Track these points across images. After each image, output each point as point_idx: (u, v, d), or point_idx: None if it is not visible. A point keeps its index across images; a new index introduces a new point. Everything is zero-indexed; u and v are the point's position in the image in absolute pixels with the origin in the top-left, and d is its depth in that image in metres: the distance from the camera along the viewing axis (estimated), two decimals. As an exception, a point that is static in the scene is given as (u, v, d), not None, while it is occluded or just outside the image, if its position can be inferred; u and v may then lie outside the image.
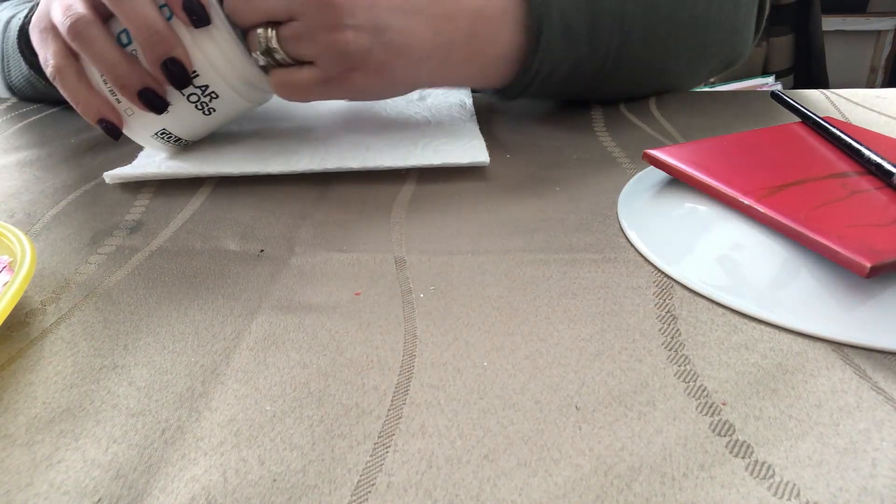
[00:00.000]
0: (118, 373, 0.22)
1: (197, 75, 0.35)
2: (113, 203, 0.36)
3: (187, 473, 0.18)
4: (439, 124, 0.44)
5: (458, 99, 0.49)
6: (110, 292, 0.27)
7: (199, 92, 0.36)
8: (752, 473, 0.18)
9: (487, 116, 0.47)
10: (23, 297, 0.27)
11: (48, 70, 0.36)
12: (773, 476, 0.18)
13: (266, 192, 0.36)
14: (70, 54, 0.36)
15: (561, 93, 0.45)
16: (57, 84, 0.36)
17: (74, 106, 0.36)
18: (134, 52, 0.35)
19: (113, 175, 0.37)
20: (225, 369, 0.22)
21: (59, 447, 0.19)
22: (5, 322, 0.25)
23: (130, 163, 0.39)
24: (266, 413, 0.20)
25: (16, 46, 0.48)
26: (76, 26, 0.34)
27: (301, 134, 0.43)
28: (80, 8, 0.34)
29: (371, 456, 0.19)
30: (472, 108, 0.47)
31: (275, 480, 0.18)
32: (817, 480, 0.17)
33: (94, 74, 0.36)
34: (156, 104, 0.35)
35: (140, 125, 0.37)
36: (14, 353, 0.24)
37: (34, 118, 0.51)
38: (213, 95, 0.36)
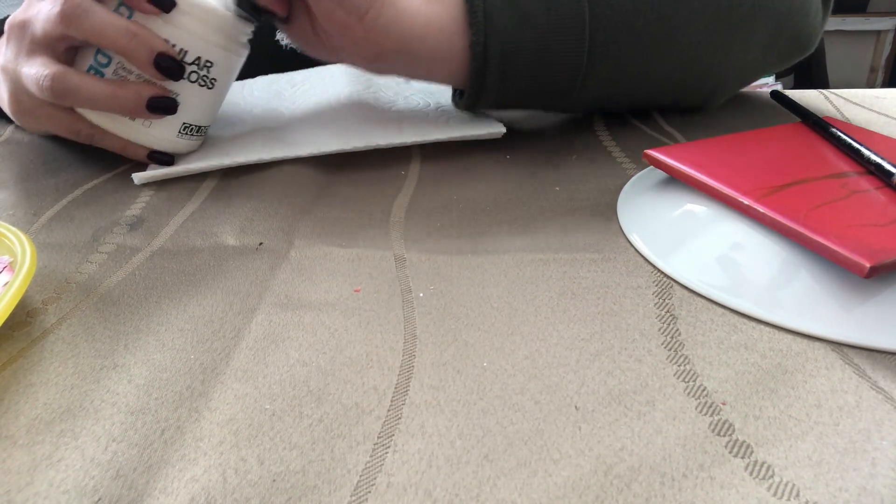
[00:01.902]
0: (118, 372, 0.22)
1: (186, 52, 0.35)
2: (113, 202, 0.36)
3: (187, 473, 0.18)
4: (440, 104, 0.44)
5: None
6: (111, 291, 0.27)
7: (195, 68, 0.36)
8: (751, 473, 0.18)
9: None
10: (24, 297, 0.27)
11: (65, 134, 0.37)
12: (772, 476, 0.18)
13: (268, 187, 0.36)
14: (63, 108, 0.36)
15: (542, 89, 0.38)
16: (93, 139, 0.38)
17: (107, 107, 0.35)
18: (116, 72, 0.35)
19: (142, 176, 0.37)
20: (224, 368, 0.22)
21: (59, 446, 0.19)
22: (6, 322, 0.25)
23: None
24: (265, 412, 0.20)
25: None
26: (55, 88, 0.33)
27: (318, 117, 0.43)
28: (49, 66, 0.33)
29: (371, 456, 0.19)
30: None
31: (274, 480, 0.18)
32: (817, 480, 0.17)
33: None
34: (167, 105, 0.35)
35: (162, 132, 0.37)
36: (15, 352, 0.24)
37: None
38: (209, 64, 0.36)
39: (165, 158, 0.38)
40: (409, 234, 0.31)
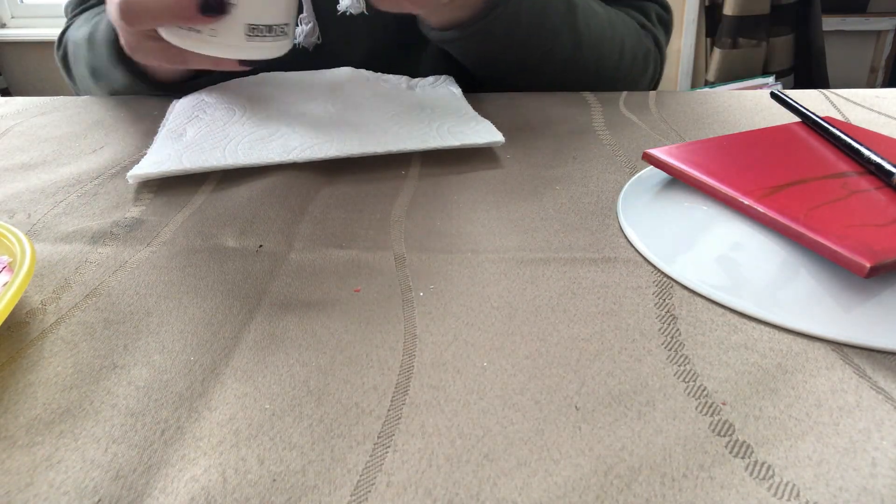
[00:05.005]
0: (118, 373, 0.22)
1: None
2: (113, 203, 0.36)
3: (187, 473, 0.18)
4: (440, 111, 0.45)
5: (445, 89, 0.50)
6: (110, 292, 0.27)
7: None
8: (751, 474, 0.18)
9: (486, 116, 0.47)
10: (23, 297, 0.27)
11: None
12: (772, 476, 0.18)
13: (267, 189, 0.36)
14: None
15: (525, 37, 0.50)
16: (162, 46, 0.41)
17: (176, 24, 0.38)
18: None
19: (135, 175, 0.36)
20: (224, 368, 0.22)
21: (58, 447, 0.19)
22: (5, 322, 0.25)
23: (138, 162, 0.39)
24: (265, 412, 0.20)
25: (112, 60, 0.50)
26: (123, 14, 0.38)
27: (318, 122, 0.43)
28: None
29: (371, 456, 0.19)
30: (463, 97, 0.48)
31: (274, 480, 0.18)
32: (817, 480, 0.17)
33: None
34: (216, 5, 0.37)
35: (228, 38, 0.38)
36: (14, 353, 0.24)
37: (35, 118, 0.51)
38: None
39: (251, 66, 0.40)
40: (409, 233, 0.31)
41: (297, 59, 0.57)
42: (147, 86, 0.52)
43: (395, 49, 0.58)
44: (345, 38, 0.57)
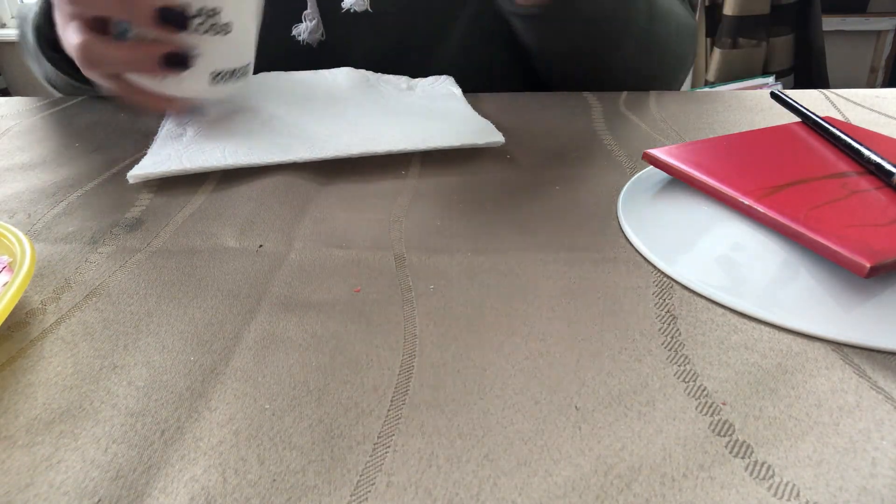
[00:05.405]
0: (118, 373, 0.22)
1: (188, 5, 0.36)
2: (113, 203, 0.36)
3: (187, 473, 0.18)
4: (440, 111, 0.45)
5: (445, 89, 0.50)
6: (110, 292, 0.27)
7: (201, 18, 0.37)
8: (751, 474, 0.18)
9: (486, 116, 0.47)
10: (23, 297, 0.27)
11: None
12: (772, 476, 0.18)
13: (267, 189, 0.36)
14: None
15: (582, 32, 0.50)
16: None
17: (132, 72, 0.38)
18: (136, 34, 0.37)
19: (136, 175, 0.37)
20: (224, 368, 0.22)
21: (58, 447, 0.19)
22: (5, 322, 0.25)
23: (138, 162, 0.39)
24: (265, 412, 0.20)
25: (39, 53, 0.50)
26: (82, 59, 0.37)
27: (318, 122, 0.43)
28: (78, 35, 0.36)
29: (371, 456, 0.19)
30: (463, 97, 0.48)
31: (274, 480, 0.18)
32: (817, 480, 0.17)
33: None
34: (180, 60, 0.37)
35: (194, 84, 0.39)
36: (14, 353, 0.24)
37: (35, 118, 0.51)
38: (214, 12, 0.37)
39: (179, 57, 0.38)
40: (409, 233, 0.31)
41: (301, 57, 0.57)
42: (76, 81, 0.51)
43: (400, 50, 0.58)
44: (349, 36, 0.57)
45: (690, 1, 0.61)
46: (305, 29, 0.55)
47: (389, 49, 0.58)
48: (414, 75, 0.54)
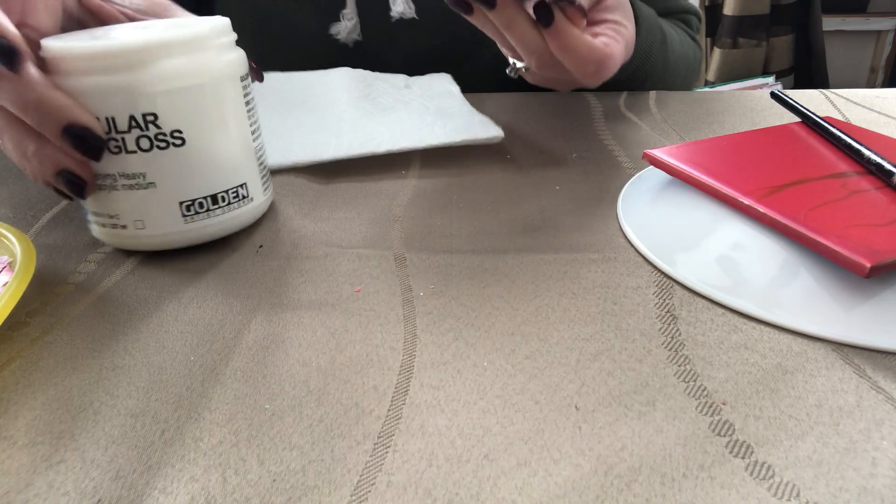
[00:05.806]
0: (117, 373, 0.22)
1: (114, 118, 0.26)
2: (113, 203, 0.36)
3: (186, 473, 0.18)
4: (439, 109, 0.45)
5: (442, 87, 0.50)
6: (110, 292, 0.27)
7: (138, 132, 0.26)
8: (751, 473, 0.18)
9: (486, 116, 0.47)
10: (23, 298, 0.27)
11: None
12: (772, 476, 0.18)
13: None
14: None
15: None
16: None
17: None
18: None
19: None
20: (224, 368, 0.22)
21: (58, 448, 0.19)
22: (5, 322, 0.25)
23: None
24: (265, 412, 0.20)
25: None
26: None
27: (317, 122, 0.43)
28: None
29: (371, 456, 0.19)
30: (461, 95, 0.48)
31: (274, 480, 0.18)
32: (817, 480, 0.17)
33: None
34: (74, 182, 0.27)
35: (158, 228, 0.29)
36: (14, 353, 0.24)
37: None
38: (151, 118, 0.26)
39: (75, 179, 0.27)
40: (409, 233, 0.31)
41: (336, 56, 0.57)
42: None
43: (437, 54, 0.57)
44: (386, 39, 0.57)
45: (695, 38, 0.65)
46: (344, 28, 0.55)
47: (426, 52, 0.57)
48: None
